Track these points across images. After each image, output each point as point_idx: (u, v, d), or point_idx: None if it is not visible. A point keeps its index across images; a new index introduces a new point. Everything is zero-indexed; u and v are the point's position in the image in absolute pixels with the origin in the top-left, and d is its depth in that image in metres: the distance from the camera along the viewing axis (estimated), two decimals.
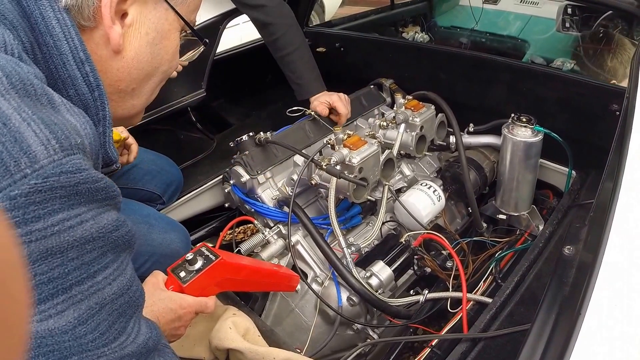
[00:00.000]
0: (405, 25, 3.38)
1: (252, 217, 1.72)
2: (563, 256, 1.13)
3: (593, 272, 0.83)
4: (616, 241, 0.88)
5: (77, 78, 0.70)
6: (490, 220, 1.90)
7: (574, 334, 0.75)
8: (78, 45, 0.69)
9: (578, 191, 1.67)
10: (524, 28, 3.17)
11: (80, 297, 0.58)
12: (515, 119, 1.71)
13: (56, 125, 0.56)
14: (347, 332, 1.56)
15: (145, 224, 1.50)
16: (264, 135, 1.73)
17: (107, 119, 0.75)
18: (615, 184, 0.99)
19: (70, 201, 0.56)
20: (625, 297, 0.79)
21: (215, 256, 1.14)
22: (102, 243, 0.61)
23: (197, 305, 1.12)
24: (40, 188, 0.53)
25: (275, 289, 1.57)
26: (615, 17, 2.39)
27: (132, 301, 0.67)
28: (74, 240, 0.57)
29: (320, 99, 1.94)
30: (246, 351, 1.22)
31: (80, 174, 0.57)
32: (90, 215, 0.59)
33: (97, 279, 0.61)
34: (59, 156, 0.55)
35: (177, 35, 0.85)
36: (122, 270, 0.65)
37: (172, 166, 1.85)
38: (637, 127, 1.12)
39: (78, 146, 0.58)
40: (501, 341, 1.14)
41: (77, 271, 0.58)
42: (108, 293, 0.62)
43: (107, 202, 0.63)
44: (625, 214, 0.93)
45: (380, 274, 1.52)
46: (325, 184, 1.59)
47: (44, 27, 0.67)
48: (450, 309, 1.46)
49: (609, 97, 1.61)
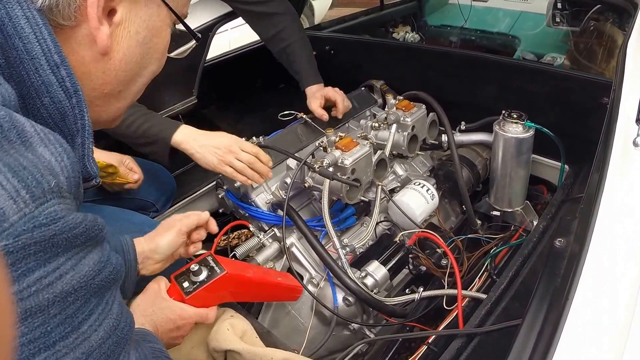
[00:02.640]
0: (396, 25, 3.39)
1: (247, 222, 1.73)
2: (554, 249, 1.15)
3: (579, 262, 0.85)
4: (602, 231, 0.90)
5: (52, 84, 0.62)
6: (484, 217, 1.91)
7: (561, 323, 0.76)
8: (52, 47, 0.62)
9: (571, 185, 1.68)
10: (515, 24, 3.19)
11: (65, 351, 0.55)
12: (506, 115, 1.71)
13: (26, 170, 0.51)
14: (344, 332, 1.56)
15: (138, 232, 1.47)
16: (256, 140, 1.73)
17: (86, 129, 0.67)
18: (601, 175, 1.01)
19: (47, 255, 0.52)
20: (610, 285, 0.81)
21: (221, 269, 1.14)
22: (84, 292, 0.57)
23: (197, 317, 1.12)
24: (11, 249, 0.48)
25: (278, 300, 1.57)
26: (605, 10, 2.40)
27: (120, 340, 0.64)
28: (55, 297, 0.53)
29: (315, 95, 1.97)
30: (244, 352, 1.22)
31: (55, 225, 0.52)
32: (70, 266, 0.55)
33: (82, 329, 0.57)
34: (30, 208, 0.50)
35: (168, 32, 0.79)
36: (107, 312, 0.61)
37: (165, 173, 1.85)
38: (623, 119, 1.13)
39: (52, 190, 0.53)
40: (496, 335, 1.14)
41: (61, 327, 0.54)
42: (95, 340, 0.59)
43: (88, 243, 0.58)
44: (611, 204, 0.94)
45: (375, 273, 1.53)
46: (318, 186, 1.59)
47: (12, 28, 0.59)
48: (446, 306, 1.46)
49: (598, 91, 1.61)
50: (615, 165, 1.03)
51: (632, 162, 1.03)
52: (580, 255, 0.87)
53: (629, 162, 1.04)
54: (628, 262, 0.85)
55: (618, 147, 1.07)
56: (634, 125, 1.09)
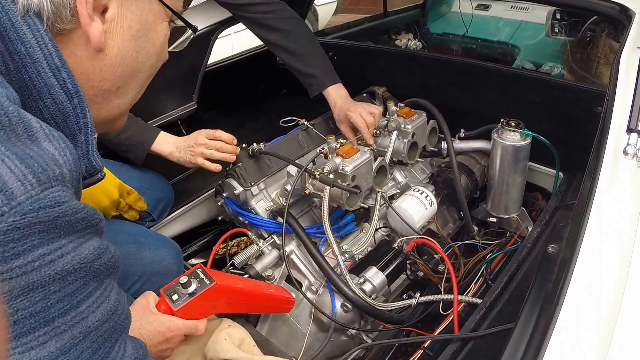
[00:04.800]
0: (399, 32, 3.41)
1: (246, 229, 1.74)
2: (547, 254, 1.17)
3: (570, 267, 0.87)
4: (592, 236, 0.92)
5: (53, 86, 0.66)
6: (481, 223, 1.93)
7: (552, 326, 0.79)
8: (53, 52, 0.65)
9: (565, 192, 1.70)
10: (515, 33, 3.21)
11: (64, 328, 0.58)
12: (505, 123, 1.74)
13: (32, 159, 0.55)
14: (342, 338, 1.58)
15: (134, 244, 1.47)
16: (257, 147, 1.75)
17: (88, 127, 0.71)
18: (593, 182, 1.03)
19: (50, 235, 0.56)
20: (598, 290, 0.84)
21: (210, 280, 1.14)
22: (83, 273, 0.60)
23: (187, 329, 1.11)
24: (18, 225, 0.52)
25: (269, 312, 1.57)
26: (601, 22, 2.43)
27: (117, 325, 0.67)
28: (56, 274, 0.56)
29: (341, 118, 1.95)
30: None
31: (59, 208, 0.56)
32: (71, 247, 0.58)
33: (80, 308, 0.60)
34: (36, 191, 0.54)
35: (164, 26, 0.81)
36: (105, 297, 0.65)
37: (162, 181, 1.83)
38: (614, 128, 1.16)
39: (56, 177, 0.57)
40: (490, 339, 1.16)
41: (60, 303, 0.58)
42: (92, 321, 0.62)
43: (88, 230, 0.62)
44: (600, 211, 0.96)
45: (373, 279, 1.55)
46: (318, 193, 1.60)
47: (14, 34, 0.63)
48: (442, 311, 1.48)
49: (593, 100, 1.63)
50: (605, 172, 1.06)
51: (622, 170, 1.06)
52: (571, 260, 0.89)
53: (619, 170, 1.06)
54: (615, 268, 0.87)
55: (609, 155, 1.10)
56: (625, 134, 1.11)
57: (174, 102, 2.26)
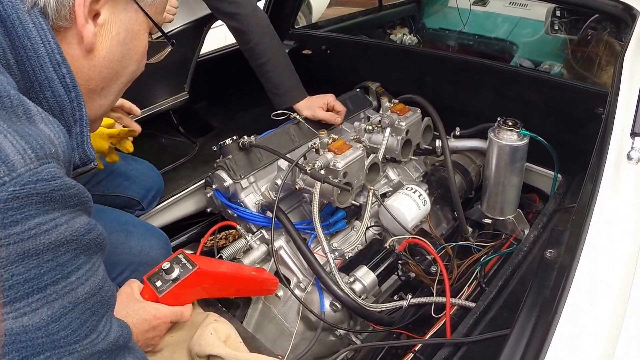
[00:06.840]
0: (394, 27, 3.39)
1: (235, 222, 1.71)
2: (544, 260, 1.13)
3: (569, 274, 0.84)
4: (593, 243, 0.89)
5: (53, 80, 0.72)
6: (476, 224, 1.89)
7: (549, 336, 0.76)
8: (55, 48, 0.71)
9: (564, 195, 1.67)
10: (513, 30, 3.18)
11: (55, 296, 0.62)
12: (502, 122, 1.70)
13: (31, 137, 0.60)
14: (330, 338, 1.54)
15: (122, 232, 1.48)
16: (247, 139, 1.71)
17: (84, 119, 0.77)
18: (594, 187, 1.00)
19: (46, 207, 0.60)
20: (599, 299, 0.81)
21: (193, 265, 1.15)
22: (75, 245, 0.64)
23: (172, 315, 1.13)
24: (18, 195, 0.56)
25: (253, 294, 1.56)
26: (603, 20, 2.40)
27: (104, 300, 0.71)
28: (50, 243, 0.60)
29: (316, 103, 1.94)
30: (227, 357, 1.20)
31: (55, 182, 0.60)
32: (64, 220, 0.62)
33: (71, 279, 0.64)
34: (34, 165, 0.58)
35: (146, 36, 0.87)
36: (94, 272, 0.68)
37: (152, 171, 1.83)
38: (617, 131, 1.12)
39: (52, 155, 0.62)
40: (483, 345, 1.13)
41: (52, 272, 0.61)
42: (81, 292, 0.65)
43: (79, 207, 0.66)
44: (602, 217, 0.93)
45: (363, 279, 1.51)
46: (309, 189, 1.57)
47: (22, 30, 0.69)
48: (434, 314, 1.45)
49: (594, 100, 1.61)
50: (608, 177, 1.02)
51: (625, 176, 1.03)
52: (570, 267, 0.86)
53: (622, 175, 1.03)
54: (617, 276, 0.84)
55: (612, 159, 1.07)
56: (629, 138, 1.08)
57: (165, 92, 2.26)
